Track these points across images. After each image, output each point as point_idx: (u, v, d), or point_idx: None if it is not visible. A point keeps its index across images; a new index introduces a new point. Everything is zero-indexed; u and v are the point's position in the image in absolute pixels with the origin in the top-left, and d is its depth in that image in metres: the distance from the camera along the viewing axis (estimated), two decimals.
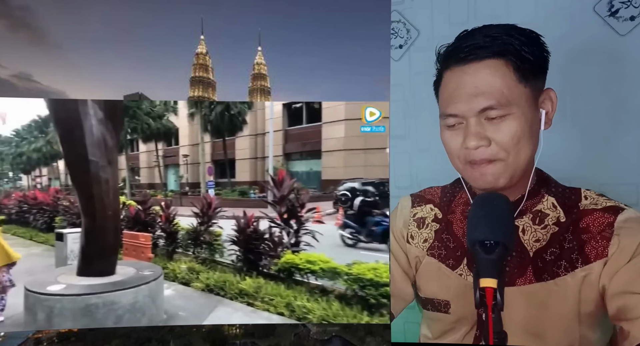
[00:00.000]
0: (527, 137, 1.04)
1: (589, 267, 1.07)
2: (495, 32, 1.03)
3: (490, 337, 0.87)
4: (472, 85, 1.03)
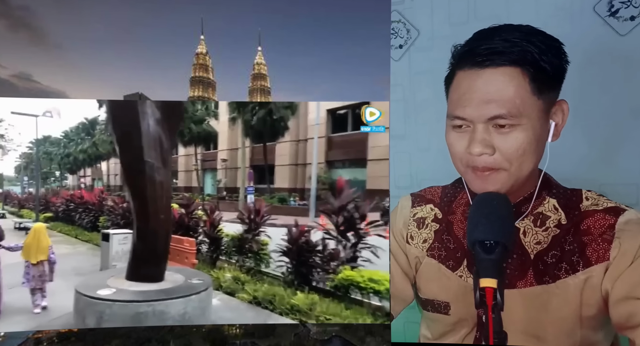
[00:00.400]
0: (532, 149, 1.02)
1: (590, 270, 1.07)
2: (515, 37, 0.99)
3: (491, 337, 0.87)
4: (485, 91, 1.00)
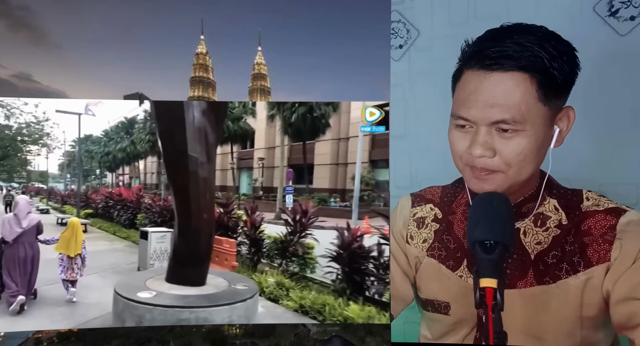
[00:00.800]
0: (533, 154, 1.01)
1: (591, 271, 1.07)
2: (527, 40, 0.97)
3: (491, 337, 0.87)
4: (491, 94, 0.99)
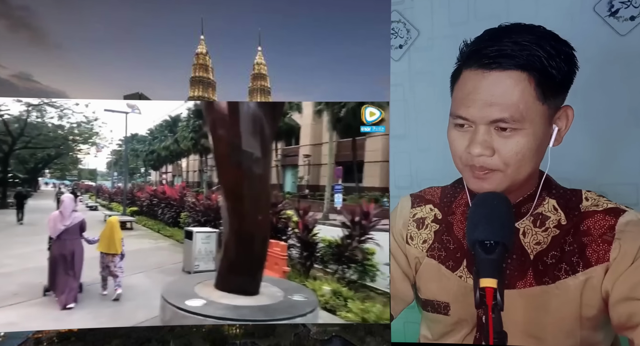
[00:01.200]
0: (532, 153, 1.02)
1: (590, 271, 1.07)
2: (525, 40, 0.97)
3: (491, 337, 0.87)
4: (489, 93, 0.99)
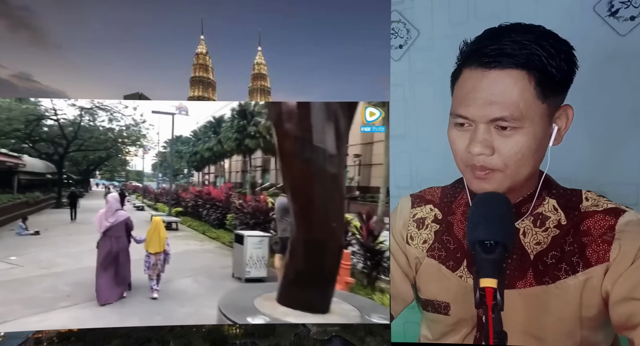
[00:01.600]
0: (532, 152, 1.02)
1: (590, 271, 1.07)
2: (525, 39, 0.97)
3: (491, 337, 0.87)
4: (489, 92, 0.99)
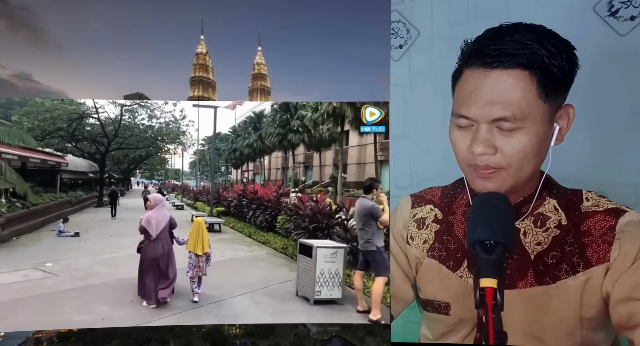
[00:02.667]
0: (534, 152, 1.02)
1: (591, 271, 1.07)
2: (527, 38, 0.97)
3: (491, 337, 0.87)
4: (491, 91, 0.99)
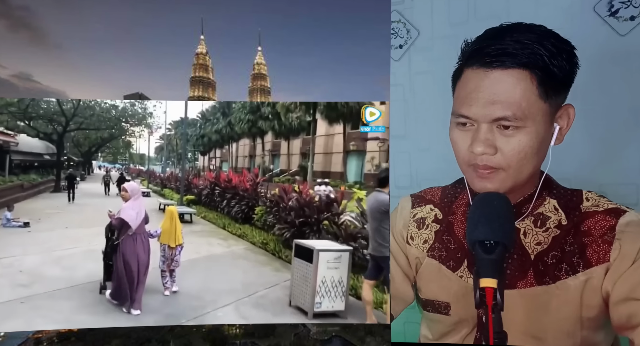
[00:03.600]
0: (534, 152, 1.02)
1: (591, 271, 1.07)
2: (527, 38, 0.97)
3: (491, 337, 0.87)
4: (491, 91, 0.99)
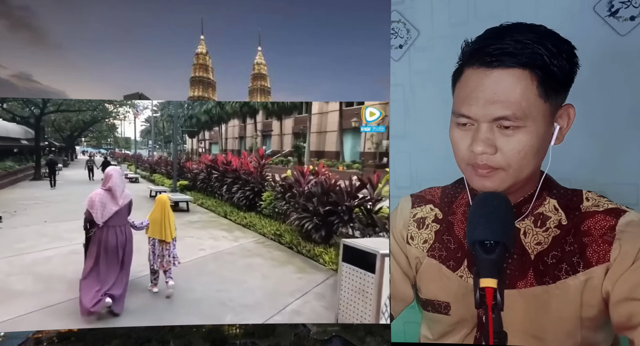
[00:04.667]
0: (534, 151, 1.02)
1: (591, 271, 1.07)
2: (527, 38, 0.98)
3: (491, 337, 0.87)
4: (492, 91, 1.00)
